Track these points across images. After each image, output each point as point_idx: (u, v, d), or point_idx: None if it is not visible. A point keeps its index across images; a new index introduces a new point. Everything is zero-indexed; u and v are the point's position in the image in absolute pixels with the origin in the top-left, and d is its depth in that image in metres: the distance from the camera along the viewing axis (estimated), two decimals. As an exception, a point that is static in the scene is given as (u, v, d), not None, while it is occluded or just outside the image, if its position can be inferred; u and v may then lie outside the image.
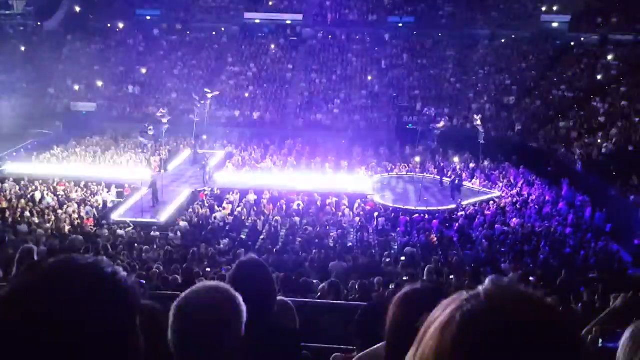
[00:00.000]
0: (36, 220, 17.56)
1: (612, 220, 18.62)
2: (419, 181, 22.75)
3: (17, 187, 20.84)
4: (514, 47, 35.92)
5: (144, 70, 34.43)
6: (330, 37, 38.00)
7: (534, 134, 28.34)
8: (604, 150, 23.66)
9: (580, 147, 24.64)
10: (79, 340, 0.84)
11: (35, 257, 5.74)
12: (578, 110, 29.21)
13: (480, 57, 35.30)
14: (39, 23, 37.82)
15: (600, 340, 2.86)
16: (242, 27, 38.49)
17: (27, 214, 17.90)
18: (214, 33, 38.24)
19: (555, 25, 36.68)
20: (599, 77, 31.45)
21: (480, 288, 0.83)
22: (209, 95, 27.70)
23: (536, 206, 20.11)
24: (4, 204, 19.03)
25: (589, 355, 0.84)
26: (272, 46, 37.05)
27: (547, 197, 20.94)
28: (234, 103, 32.43)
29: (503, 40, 36.40)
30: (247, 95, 33.03)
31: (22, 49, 35.55)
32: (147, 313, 0.97)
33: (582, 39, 35.27)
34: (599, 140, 24.67)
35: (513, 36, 36.35)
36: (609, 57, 32.46)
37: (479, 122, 25.85)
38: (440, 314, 0.83)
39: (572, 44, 35.30)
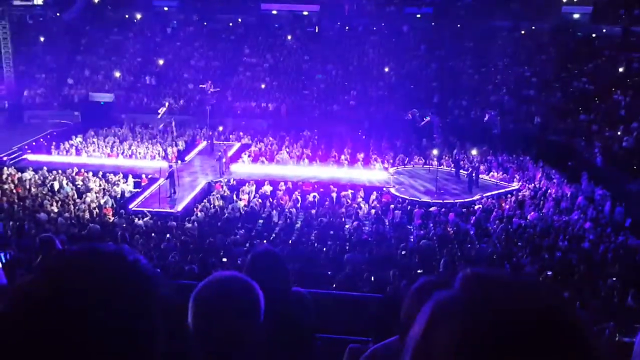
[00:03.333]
0: (55, 209, 17.80)
1: (631, 215, 18.33)
2: (434, 173, 22.62)
3: (36, 177, 21.14)
4: (534, 38, 35.37)
5: (161, 61, 34.60)
6: (347, 28, 37.74)
7: (554, 126, 27.97)
8: (624, 143, 23.29)
9: (601, 140, 24.29)
10: (101, 326, 0.85)
11: (58, 245, 5.81)
12: (599, 103, 28.75)
13: (500, 48, 34.82)
14: (57, 14, 38.13)
15: (617, 335, 2.83)
16: (258, 18, 38.43)
17: (46, 202, 18.17)
18: (230, 24, 38.23)
19: (576, 16, 36.03)
20: (620, 69, 30.89)
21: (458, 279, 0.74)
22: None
23: (555, 200, 19.87)
24: (23, 192, 19.35)
25: (599, 350, 0.69)
26: (289, 37, 36.95)
27: (566, 191, 20.69)
28: (250, 94, 32.47)
29: (523, 32, 35.81)
30: (263, 86, 33.03)
31: (41, 39, 35.89)
32: (165, 302, 0.97)
33: (604, 30, 34.59)
34: (620, 134, 24.29)
35: (533, 28, 35.76)
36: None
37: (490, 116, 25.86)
38: (423, 312, 0.74)
39: (594, 35, 34.65)
